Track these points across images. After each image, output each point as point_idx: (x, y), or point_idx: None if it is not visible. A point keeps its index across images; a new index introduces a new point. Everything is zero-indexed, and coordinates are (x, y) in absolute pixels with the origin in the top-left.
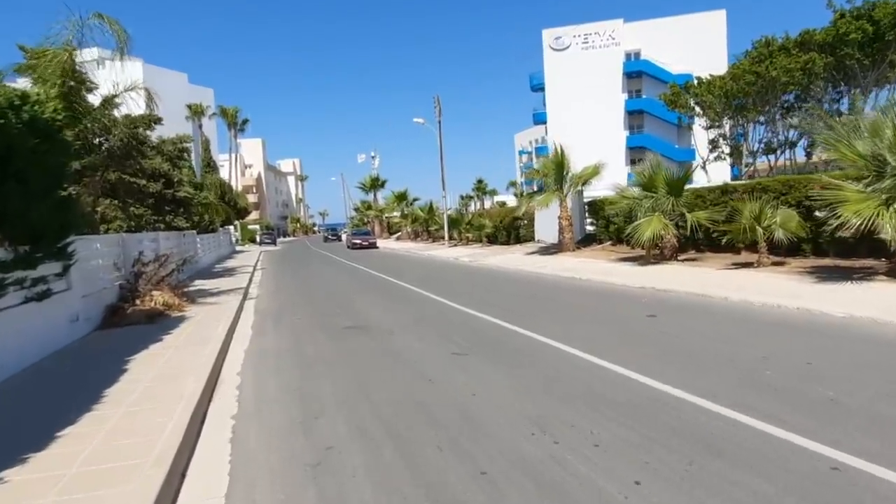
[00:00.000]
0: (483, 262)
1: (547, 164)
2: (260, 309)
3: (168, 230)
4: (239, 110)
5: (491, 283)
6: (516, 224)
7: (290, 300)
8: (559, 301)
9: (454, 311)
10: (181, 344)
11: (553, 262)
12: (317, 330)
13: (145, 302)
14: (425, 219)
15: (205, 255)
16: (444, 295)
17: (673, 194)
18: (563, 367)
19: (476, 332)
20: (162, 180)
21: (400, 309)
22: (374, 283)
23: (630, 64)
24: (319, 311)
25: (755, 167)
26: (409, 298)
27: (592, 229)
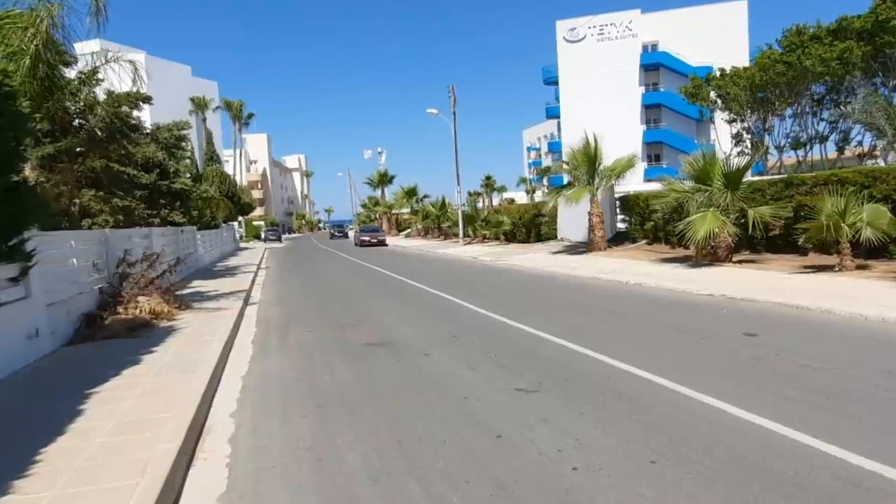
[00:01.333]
0: (507, 261)
1: (577, 155)
2: (263, 318)
3: (164, 226)
4: (244, 104)
5: (526, 288)
6: (537, 221)
7: (298, 306)
8: (620, 312)
9: (496, 325)
10: (163, 367)
11: (586, 263)
12: (331, 348)
13: (129, 309)
14: (437, 215)
15: (206, 253)
16: (476, 302)
17: (730, 188)
18: (684, 420)
19: (536, 356)
20: (156, 170)
21: (429, 320)
22: (392, 286)
23: (647, 56)
24: (332, 322)
25: (781, 162)
26: (436, 306)
27: (624, 227)
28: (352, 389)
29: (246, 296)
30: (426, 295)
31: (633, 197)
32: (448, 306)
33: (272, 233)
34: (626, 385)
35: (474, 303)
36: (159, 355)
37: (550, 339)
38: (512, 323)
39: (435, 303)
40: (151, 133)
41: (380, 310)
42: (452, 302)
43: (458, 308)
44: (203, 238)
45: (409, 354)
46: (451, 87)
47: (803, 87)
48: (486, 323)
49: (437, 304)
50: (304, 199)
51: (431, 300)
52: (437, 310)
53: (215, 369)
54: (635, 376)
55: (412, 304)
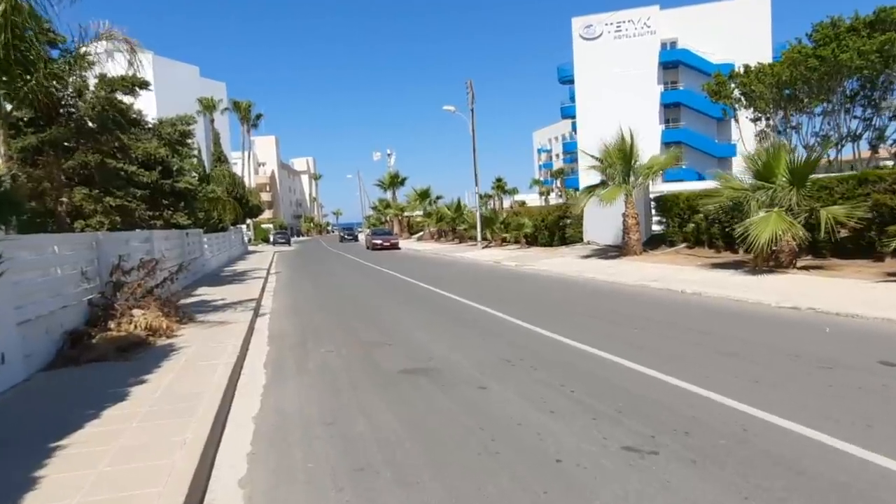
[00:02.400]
0: (533, 266)
1: (611, 152)
2: (276, 333)
3: (167, 228)
4: (252, 104)
5: (567, 297)
6: (561, 223)
7: (314, 318)
8: (698, 330)
9: (552, 345)
10: (154, 406)
11: (624, 269)
12: (360, 375)
13: (122, 325)
14: (452, 217)
15: (213, 258)
16: (515, 313)
17: (795, 184)
18: None
19: (625, 393)
20: (158, 168)
21: (469, 337)
22: (415, 294)
23: (666, 53)
24: (356, 338)
25: None
26: (472, 319)
27: (660, 229)
28: (398, 443)
29: (256, 305)
30: (456, 305)
31: (671, 197)
32: (485, 319)
33: (281, 236)
34: (775, 444)
35: (514, 314)
36: (151, 386)
37: (634, 369)
38: (572, 343)
39: (469, 315)
40: (153, 128)
41: (409, 323)
42: (488, 314)
43: (498, 322)
44: (210, 241)
45: (459, 387)
46: (469, 82)
47: (836, 83)
48: (538, 342)
49: (473, 316)
50: (313, 201)
51: (464, 311)
52: (474, 324)
53: (219, 410)
54: (780, 429)
55: (444, 316)
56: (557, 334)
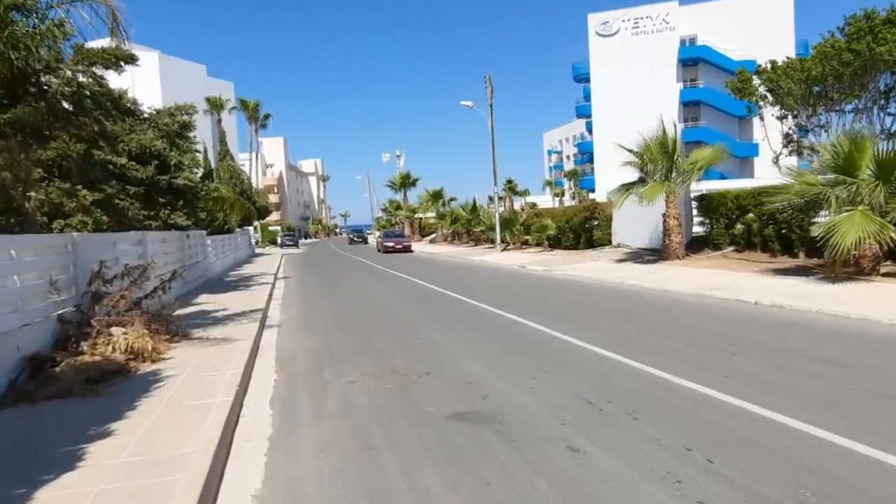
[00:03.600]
0: (564, 271)
1: (651, 146)
2: (286, 355)
3: (165, 229)
4: (260, 104)
5: (624, 310)
6: (588, 225)
7: (331, 335)
8: (818, 358)
9: (647, 382)
10: (113, 482)
11: (672, 275)
12: (399, 425)
13: (97, 346)
14: (468, 219)
15: (217, 261)
16: (580, 335)
17: (881, 179)
18: None
19: (805, 470)
20: (154, 163)
21: (529, 365)
22: (442, 304)
23: (686, 50)
24: (385, 365)
25: None
26: (525, 340)
27: (702, 231)
28: None
29: (262, 316)
30: (495, 318)
31: (717, 195)
32: (538, 339)
33: (289, 238)
34: None
35: (571, 333)
36: (116, 443)
37: (781, 422)
38: (664, 376)
39: (518, 333)
40: (150, 118)
41: (444, 343)
42: (540, 332)
43: (556, 343)
44: (214, 244)
45: (541, 449)
46: (488, 76)
47: (870, 78)
48: (619, 374)
49: (524, 335)
50: (321, 203)
51: (507, 328)
52: (528, 345)
53: (205, 488)
54: None
55: (484, 334)
56: (638, 362)
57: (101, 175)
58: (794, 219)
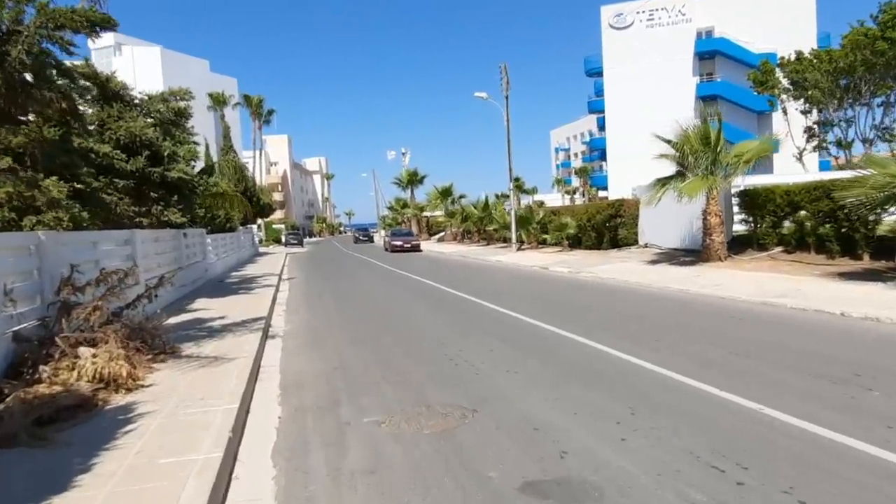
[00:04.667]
0: (594, 274)
1: (691, 138)
2: (292, 380)
3: (161, 226)
4: (264, 99)
5: (684, 322)
6: (612, 224)
7: (343, 350)
8: None
9: (794, 436)
10: None
11: (719, 279)
12: (453, 498)
13: (60, 372)
14: (479, 217)
15: (218, 261)
16: (658, 359)
17: None
18: None
19: None
20: (145, 153)
21: (609, 405)
22: (472, 314)
23: (703, 43)
24: (417, 396)
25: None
26: (591, 366)
27: (744, 229)
28: None
29: (264, 326)
30: (537, 332)
31: (763, 191)
32: (602, 362)
33: (293, 237)
34: None
35: (643, 356)
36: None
37: None
38: (821, 433)
39: (571, 352)
40: (140, 104)
41: (485, 365)
42: (598, 351)
43: (628, 369)
44: (215, 243)
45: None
46: (503, 66)
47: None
48: (742, 422)
49: (579, 356)
50: (325, 202)
51: (557, 345)
52: (591, 371)
53: None
54: None
55: (532, 353)
56: (755, 402)
57: (68, 161)
58: (859, 217)
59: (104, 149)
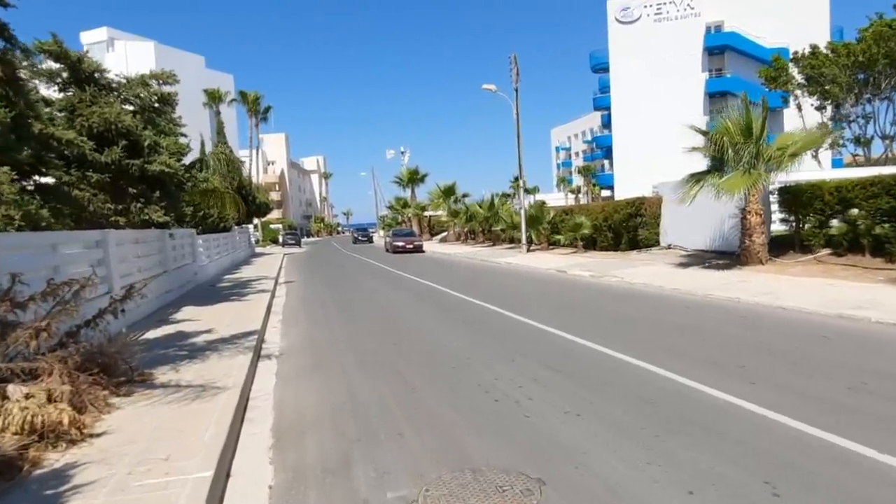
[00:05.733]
0: (620, 278)
1: (729, 128)
2: (288, 424)
3: (144, 226)
4: (261, 96)
5: (771, 343)
6: (632, 223)
7: (353, 380)
8: None
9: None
10: None
11: (768, 285)
12: None
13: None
14: (485, 216)
15: (211, 262)
16: (750, 394)
17: None
18: None
19: None
20: (122, 143)
21: (739, 475)
22: (497, 328)
23: (712, 37)
24: (459, 454)
25: (888, 154)
26: (675, 408)
27: (784, 229)
28: None
29: (257, 343)
30: (584, 353)
31: (806, 187)
32: (693, 401)
33: (291, 237)
34: None
35: (741, 393)
36: None
37: None
38: None
39: (636, 383)
40: (117, 88)
41: (536, 404)
42: (683, 386)
43: (738, 417)
44: (207, 244)
45: None
46: (513, 56)
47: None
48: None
49: (650, 389)
50: (323, 201)
51: (613, 370)
52: (677, 416)
53: None
54: None
55: (590, 384)
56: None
57: (6, 143)
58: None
59: (68, 135)
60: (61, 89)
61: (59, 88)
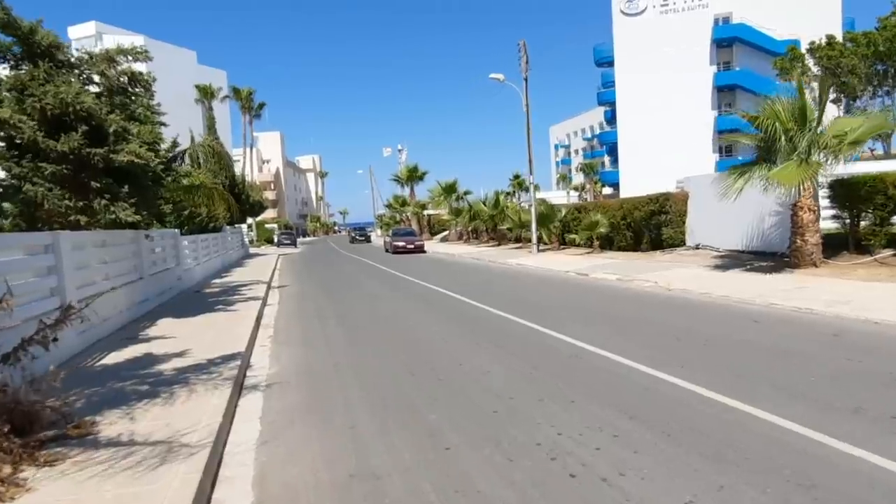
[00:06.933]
0: (654, 282)
1: (779, 112)
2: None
3: (114, 227)
4: (254, 91)
5: (864, 371)
6: (654, 221)
7: (365, 429)
8: None
9: None
10: None
11: (842, 293)
12: None
13: None
14: (490, 215)
15: (198, 265)
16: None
17: None
18: None
19: None
20: (82, 128)
21: None
22: (533, 349)
23: (720, 29)
24: None
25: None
26: (840, 488)
27: (835, 227)
28: None
29: (239, 372)
30: (670, 394)
31: (864, 180)
32: (867, 479)
33: (286, 237)
34: None
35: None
36: None
37: None
38: None
39: (772, 447)
40: (77, 63)
41: (641, 485)
42: (838, 454)
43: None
44: (194, 245)
45: None
46: (522, 43)
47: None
48: None
49: (796, 456)
50: (319, 200)
51: (734, 427)
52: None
53: None
54: None
55: (710, 452)
56: None
57: None
58: None
59: (3, 113)
60: (13, 67)
61: (10, 66)
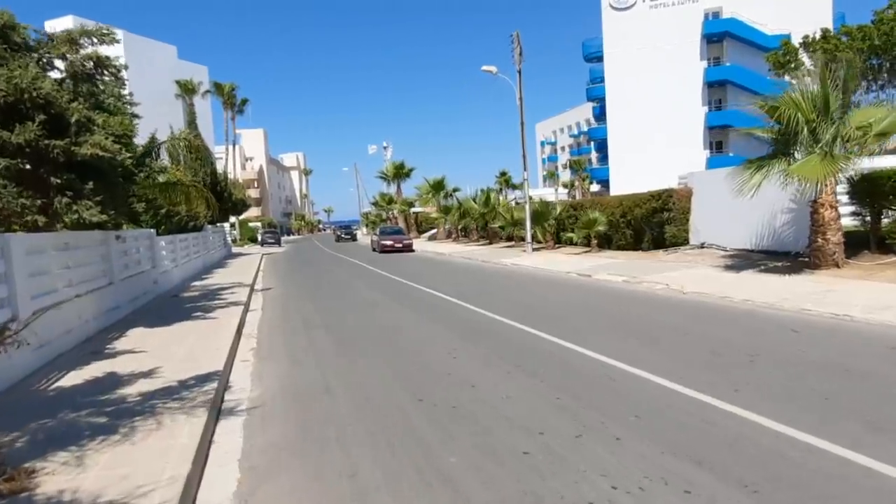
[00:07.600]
0: (665, 285)
1: (799, 101)
2: None
3: (78, 227)
4: (236, 87)
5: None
6: (657, 219)
7: (368, 478)
8: None
9: None
10: None
11: (879, 298)
12: None
13: None
14: (481, 212)
15: (177, 267)
16: None
17: None
18: None
19: None
20: (40, 117)
21: None
22: (550, 362)
23: (711, 24)
24: None
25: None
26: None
27: (855, 224)
28: None
29: (215, 394)
30: (736, 427)
31: (890, 174)
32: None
33: (270, 235)
34: None
35: None
36: None
37: None
38: None
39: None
40: (37, 47)
41: None
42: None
43: None
44: (172, 245)
45: None
46: (515, 34)
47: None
48: None
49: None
50: (304, 198)
51: (833, 478)
52: None
53: None
54: None
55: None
56: None
57: None
58: None
59: None
60: None
61: None
